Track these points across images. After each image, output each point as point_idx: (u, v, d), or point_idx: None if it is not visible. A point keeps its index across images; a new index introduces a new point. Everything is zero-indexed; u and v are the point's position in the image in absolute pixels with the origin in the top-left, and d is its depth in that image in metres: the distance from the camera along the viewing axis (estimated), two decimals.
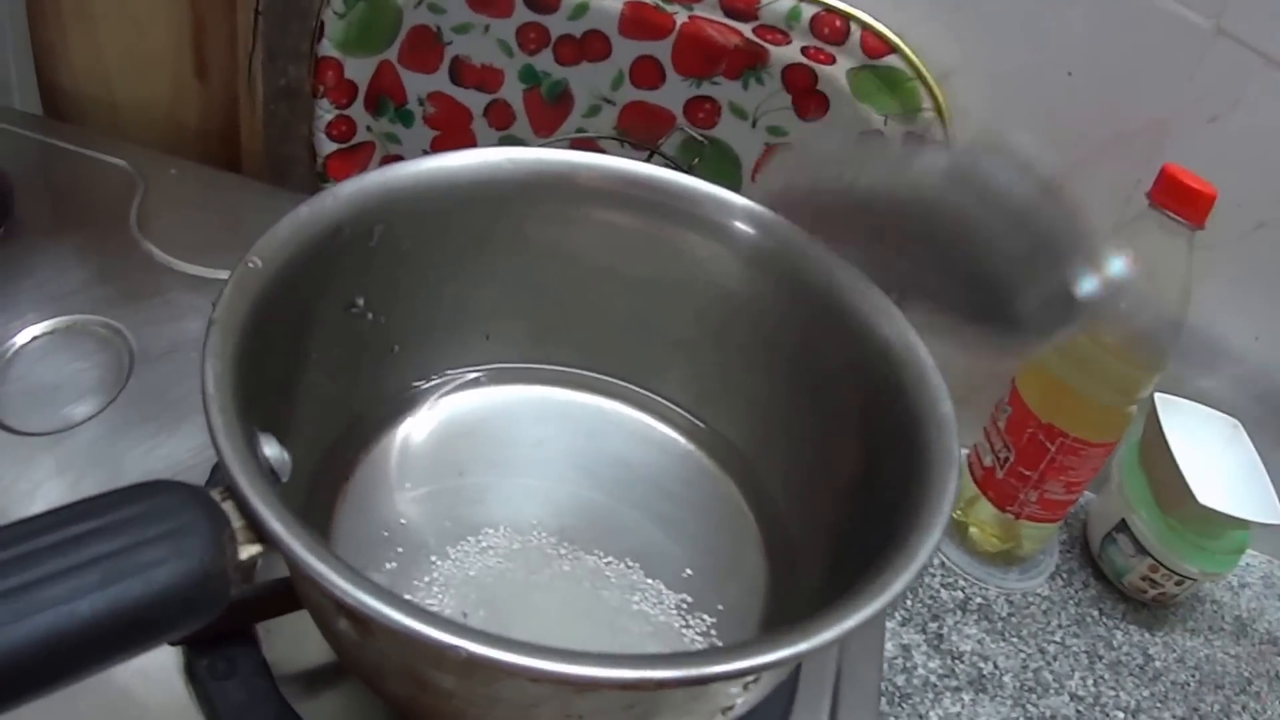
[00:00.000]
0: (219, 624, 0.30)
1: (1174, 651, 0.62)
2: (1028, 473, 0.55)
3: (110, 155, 0.54)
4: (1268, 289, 0.59)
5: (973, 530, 0.59)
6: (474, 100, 0.56)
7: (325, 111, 0.57)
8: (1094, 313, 0.33)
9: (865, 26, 0.50)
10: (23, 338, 0.43)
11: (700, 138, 0.54)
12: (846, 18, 0.50)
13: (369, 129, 0.57)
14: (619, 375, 0.40)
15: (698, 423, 0.40)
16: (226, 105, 0.55)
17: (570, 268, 0.38)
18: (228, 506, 0.24)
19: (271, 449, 0.29)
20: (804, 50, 0.51)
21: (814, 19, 0.50)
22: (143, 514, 0.23)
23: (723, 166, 0.55)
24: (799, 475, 0.35)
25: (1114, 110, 0.53)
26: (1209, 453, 0.60)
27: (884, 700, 0.51)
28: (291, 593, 0.32)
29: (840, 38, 0.51)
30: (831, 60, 0.51)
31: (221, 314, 0.28)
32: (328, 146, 0.57)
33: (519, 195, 0.37)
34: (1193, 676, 0.61)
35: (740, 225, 0.37)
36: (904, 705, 0.51)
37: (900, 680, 0.52)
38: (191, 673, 0.33)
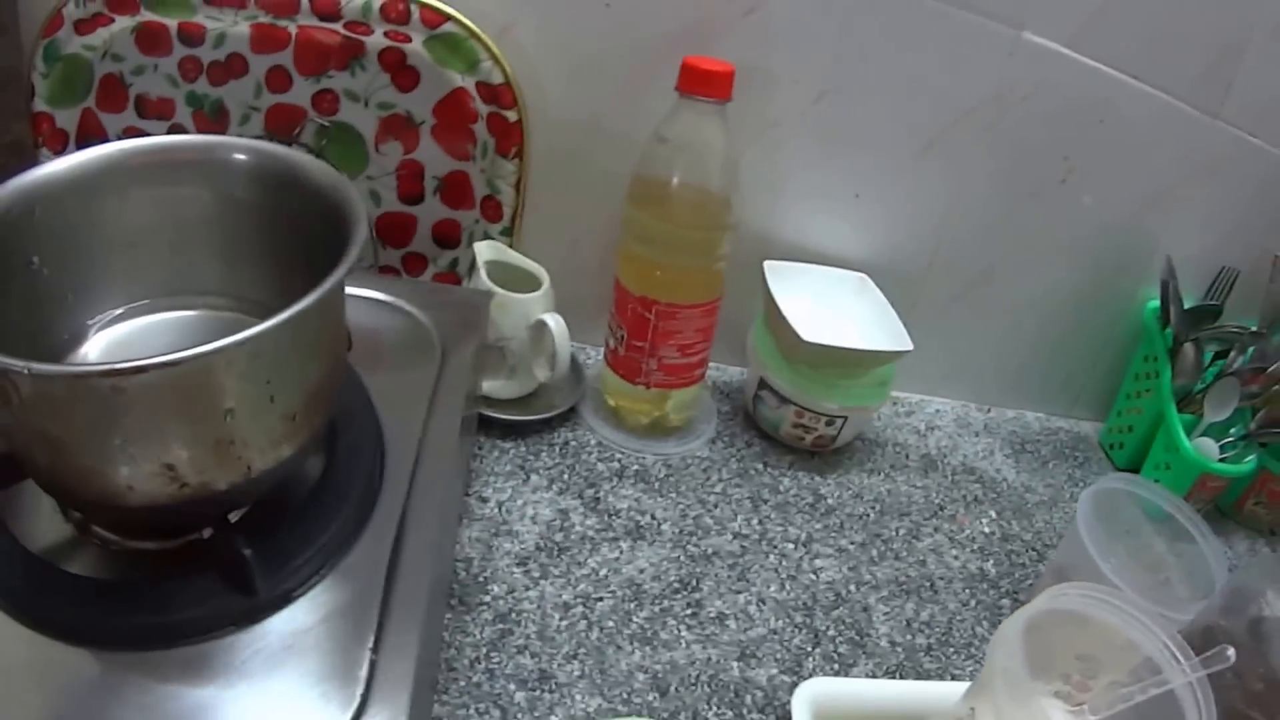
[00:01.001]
0: None
1: (849, 490, 0.69)
2: (640, 344, 0.64)
3: None
4: (845, 147, 0.68)
5: (621, 410, 0.68)
6: (156, 128, 0.68)
7: (45, 159, 0.70)
8: None
9: (420, 4, 0.62)
10: None
11: (326, 123, 0.66)
12: (405, 1, 0.62)
13: None
14: (201, 290, 0.53)
15: (245, 299, 0.52)
16: None
17: (145, 223, 0.50)
18: None
19: None
20: (386, 34, 0.63)
21: (382, 7, 0.63)
22: None
23: (349, 143, 0.66)
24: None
25: (658, 25, 0.64)
26: (837, 303, 0.69)
27: (543, 554, 0.59)
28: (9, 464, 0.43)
29: (405, 18, 0.63)
30: (408, 39, 0.63)
31: None
32: None
33: (105, 178, 0.50)
34: (872, 509, 0.68)
35: (237, 156, 0.50)
36: (562, 557, 0.59)
37: (559, 538, 0.60)
38: None
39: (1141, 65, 0.67)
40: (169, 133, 0.68)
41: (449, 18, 0.62)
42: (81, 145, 0.69)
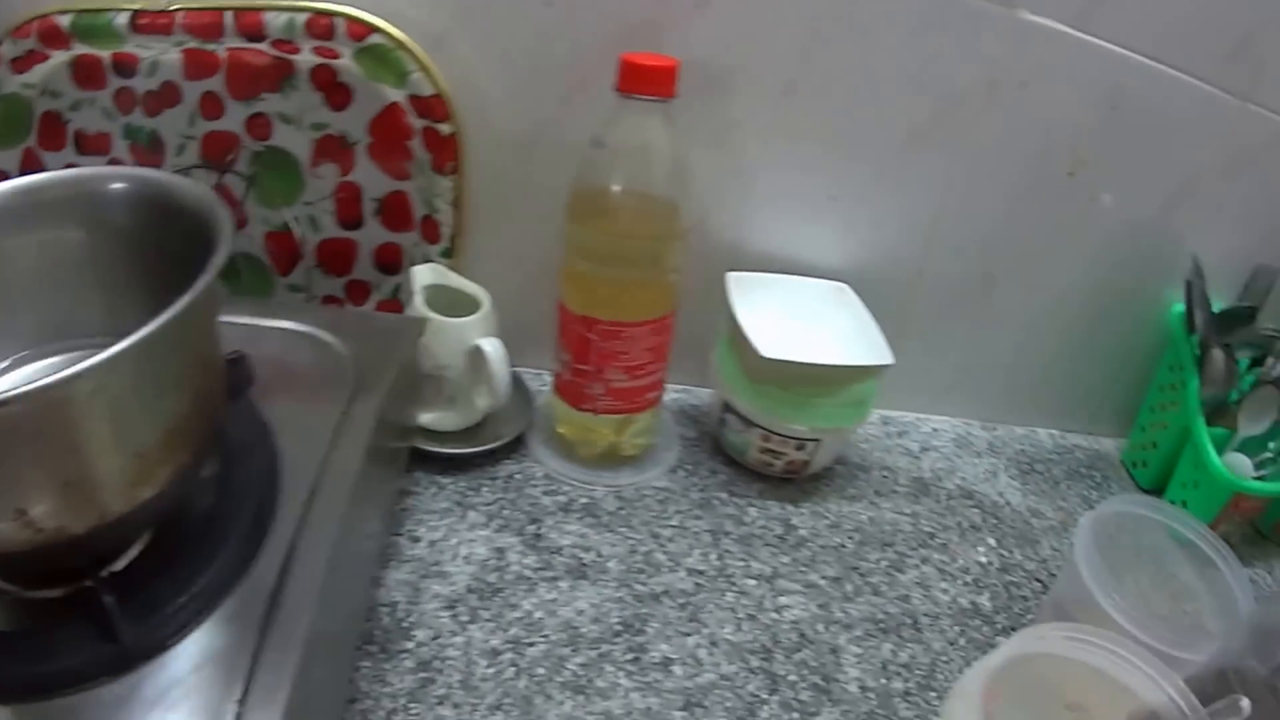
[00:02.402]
0: None
1: (825, 519, 0.63)
2: (584, 367, 0.59)
3: None
4: (818, 144, 0.62)
5: (572, 440, 0.63)
6: (95, 163, 0.66)
7: None
8: None
9: (346, 16, 0.59)
10: None
11: (261, 148, 0.63)
12: (329, 15, 0.59)
13: None
14: (86, 331, 0.48)
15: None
16: None
17: (15, 270, 0.47)
18: None
19: None
20: (314, 51, 0.60)
21: (306, 23, 0.59)
22: None
23: (284, 168, 0.63)
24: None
25: (602, 25, 0.59)
26: (813, 316, 0.62)
27: (474, 596, 0.54)
28: None
29: (330, 33, 0.59)
30: (337, 55, 0.60)
31: None
32: None
33: None
34: (850, 539, 0.62)
35: (115, 184, 0.47)
36: (495, 599, 0.54)
37: (492, 579, 0.55)
38: None
39: (1157, 44, 0.60)
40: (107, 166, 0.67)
41: (375, 29, 0.59)
42: None
